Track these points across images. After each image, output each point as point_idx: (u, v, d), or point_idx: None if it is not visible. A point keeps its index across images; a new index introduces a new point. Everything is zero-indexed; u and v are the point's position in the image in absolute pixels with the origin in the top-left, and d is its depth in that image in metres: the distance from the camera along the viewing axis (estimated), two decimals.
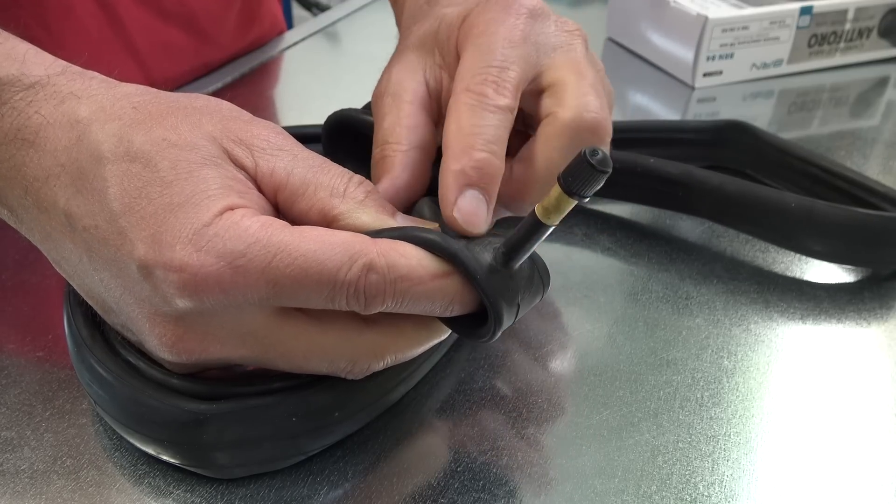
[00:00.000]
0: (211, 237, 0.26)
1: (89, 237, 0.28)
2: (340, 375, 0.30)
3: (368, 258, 0.26)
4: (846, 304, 0.42)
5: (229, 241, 0.26)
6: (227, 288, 0.26)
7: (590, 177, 0.24)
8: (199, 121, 0.28)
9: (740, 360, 0.38)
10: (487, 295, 0.28)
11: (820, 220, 0.42)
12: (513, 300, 0.28)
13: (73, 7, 0.57)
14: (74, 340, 0.32)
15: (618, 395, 0.36)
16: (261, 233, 0.26)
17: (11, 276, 0.42)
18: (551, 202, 0.25)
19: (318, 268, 0.26)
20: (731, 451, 0.33)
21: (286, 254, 0.26)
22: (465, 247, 0.28)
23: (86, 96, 0.29)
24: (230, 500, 0.31)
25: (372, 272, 0.26)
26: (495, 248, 0.28)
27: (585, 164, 0.24)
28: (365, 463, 0.32)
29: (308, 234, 0.26)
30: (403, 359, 0.31)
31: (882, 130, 0.62)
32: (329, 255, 0.26)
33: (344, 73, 0.72)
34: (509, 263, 0.28)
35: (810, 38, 0.70)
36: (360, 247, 0.27)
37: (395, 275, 0.27)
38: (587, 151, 0.23)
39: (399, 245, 0.28)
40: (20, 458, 0.32)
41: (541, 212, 0.26)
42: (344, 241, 0.27)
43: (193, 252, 0.26)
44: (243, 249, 0.26)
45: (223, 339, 0.28)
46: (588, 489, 0.32)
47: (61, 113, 0.28)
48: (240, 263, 0.26)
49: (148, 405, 0.29)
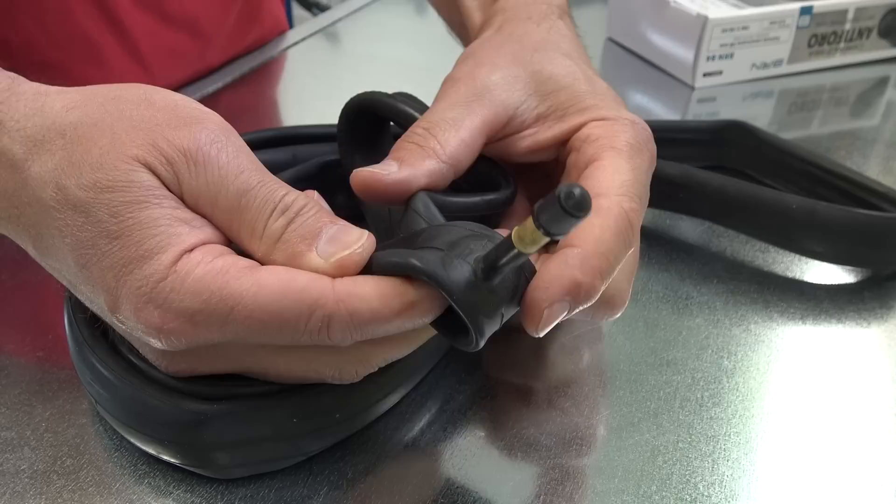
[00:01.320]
0: (168, 293, 0.26)
1: (62, 276, 0.29)
2: (330, 382, 0.30)
3: (326, 310, 0.25)
4: (846, 305, 0.42)
5: (186, 298, 0.25)
6: (190, 337, 0.26)
7: (563, 219, 0.22)
8: (124, 143, 0.27)
9: (740, 360, 0.38)
10: (466, 313, 0.26)
11: (821, 221, 0.42)
12: (494, 313, 0.27)
13: (72, 10, 0.57)
14: (75, 339, 0.32)
15: (618, 395, 0.36)
16: (216, 284, 0.25)
17: (11, 276, 0.42)
18: (527, 234, 0.24)
19: (276, 320, 0.25)
20: (731, 451, 0.33)
21: (242, 307, 0.25)
22: (442, 260, 0.26)
23: (12, 127, 0.28)
24: (230, 500, 0.31)
25: (333, 322, 0.26)
26: (476, 258, 0.27)
27: (558, 206, 0.22)
28: (365, 463, 0.32)
29: (266, 280, 0.26)
30: (396, 357, 0.30)
31: (882, 130, 0.62)
32: (286, 305, 0.25)
33: (344, 73, 0.72)
34: (490, 280, 0.27)
35: (810, 38, 0.70)
36: (317, 295, 0.25)
37: (357, 321, 0.26)
38: (562, 193, 0.21)
39: (359, 285, 0.26)
40: (20, 458, 0.32)
41: (517, 239, 0.24)
42: (302, 289, 0.26)
43: (154, 310, 0.26)
44: (200, 307, 0.25)
45: (208, 361, 0.29)
46: (588, 489, 0.32)
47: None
48: (199, 319, 0.26)
49: (149, 405, 0.29)
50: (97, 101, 0.28)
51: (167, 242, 0.26)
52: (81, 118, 0.28)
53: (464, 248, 0.27)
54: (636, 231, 0.31)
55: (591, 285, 0.28)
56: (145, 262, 0.26)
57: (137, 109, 0.28)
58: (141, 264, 0.26)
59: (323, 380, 0.29)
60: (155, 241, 0.26)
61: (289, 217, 0.27)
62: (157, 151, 0.27)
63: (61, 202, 0.27)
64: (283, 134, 0.45)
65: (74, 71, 0.58)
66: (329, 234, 0.27)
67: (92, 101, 0.28)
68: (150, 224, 0.26)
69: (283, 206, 0.28)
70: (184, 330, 0.26)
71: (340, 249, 0.27)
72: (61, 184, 0.27)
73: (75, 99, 0.29)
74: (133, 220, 0.26)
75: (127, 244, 0.26)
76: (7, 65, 0.32)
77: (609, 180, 0.31)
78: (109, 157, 0.27)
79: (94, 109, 0.28)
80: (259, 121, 0.62)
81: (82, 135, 0.27)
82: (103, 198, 0.26)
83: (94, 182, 0.26)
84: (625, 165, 0.32)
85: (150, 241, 0.26)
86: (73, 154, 0.27)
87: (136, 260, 0.26)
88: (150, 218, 0.26)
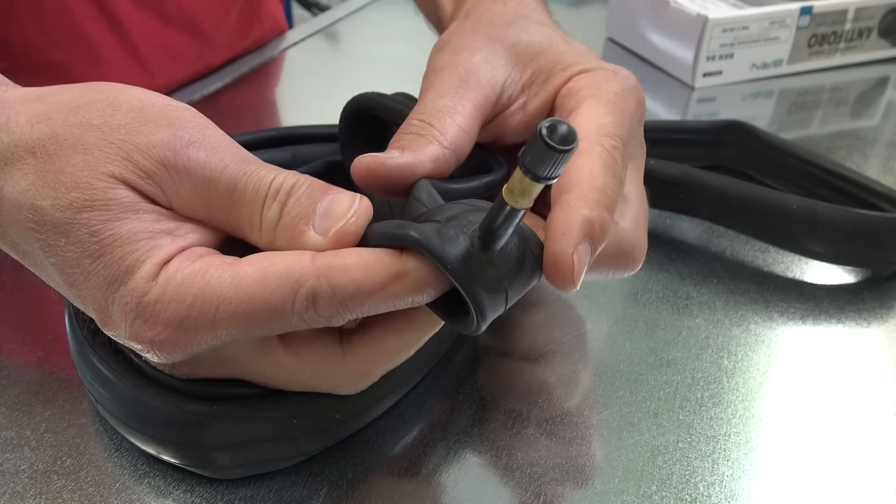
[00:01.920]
0: (153, 305, 0.25)
1: (53, 287, 0.29)
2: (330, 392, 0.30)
3: (309, 286, 0.25)
4: (846, 305, 0.42)
5: (170, 306, 0.25)
6: (184, 346, 0.26)
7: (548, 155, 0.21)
8: (97, 160, 0.26)
9: (740, 360, 0.38)
10: (462, 285, 0.25)
11: (822, 222, 0.42)
12: (495, 287, 0.26)
13: (72, 10, 0.57)
14: (76, 339, 0.32)
15: (618, 395, 0.36)
16: (197, 286, 0.25)
17: (11, 276, 0.42)
18: (515, 185, 0.23)
19: (262, 309, 0.25)
20: (731, 451, 0.33)
21: (227, 303, 0.25)
22: (437, 231, 0.25)
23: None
24: (230, 500, 0.31)
25: (318, 298, 0.25)
26: (473, 229, 0.26)
27: (542, 144, 0.20)
28: (365, 463, 0.32)
29: (245, 272, 0.25)
30: (394, 366, 0.30)
31: (882, 130, 0.62)
32: (269, 292, 0.25)
33: (344, 73, 0.72)
34: (488, 248, 0.25)
35: (810, 38, 0.70)
36: (298, 274, 0.25)
37: (342, 295, 0.25)
38: (544, 128, 0.20)
39: (342, 258, 0.26)
40: (20, 458, 0.32)
41: (507, 194, 0.23)
42: (282, 272, 0.25)
43: (142, 324, 0.26)
44: (185, 311, 0.25)
45: (208, 367, 0.29)
46: (588, 489, 0.32)
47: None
48: (188, 325, 0.25)
49: (149, 405, 0.29)
50: (61, 114, 0.27)
51: (147, 255, 0.26)
52: (48, 134, 0.27)
53: (461, 220, 0.26)
54: (623, 166, 0.30)
55: (602, 217, 0.27)
56: (128, 278, 0.26)
57: (103, 116, 0.27)
58: (125, 280, 0.26)
59: (322, 390, 0.30)
60: (136, 255, 0.26)
61: (281, 201, 0.27)
62: (134, 166, 0.26)
63: (39, 223, 0.26)
64: (282, 134, 0.45)
65: (74, 71, 0.58)
66: (322, 208, 0.27)
67: (55, 113, 0.27)
68: (130, 239, 0.26)
69: (274, 192, 0.27)
70: (175, 340, 0.26)
71: (335, 222, 0.27)
72: (36, 205, 0.26)
73: (38, 111, 0.28)
74: (113, 237, 0.26)
75: (109, 262, 0.26)
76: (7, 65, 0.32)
77: (586, 125, 0.31)
78: (84, 176, 0.26)
79: (59, 124, 0.27)
80: (259, 121, 0.62)
81: (52, 153, 0.27)
82: (81, 218, 0.26)
83: (70, 202, 0.26)
84: (602, 110, 0.31)
85: (130, 256, 0.26)
86: (46, 174, 0.26)
87: (120, 277, 0.26)
88: (130, 233, 0.26)
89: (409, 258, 0.26)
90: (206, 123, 0.28)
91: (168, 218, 0.27)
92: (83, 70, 0.58)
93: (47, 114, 0.27)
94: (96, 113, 0.27)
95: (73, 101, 0.28)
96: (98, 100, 0.28)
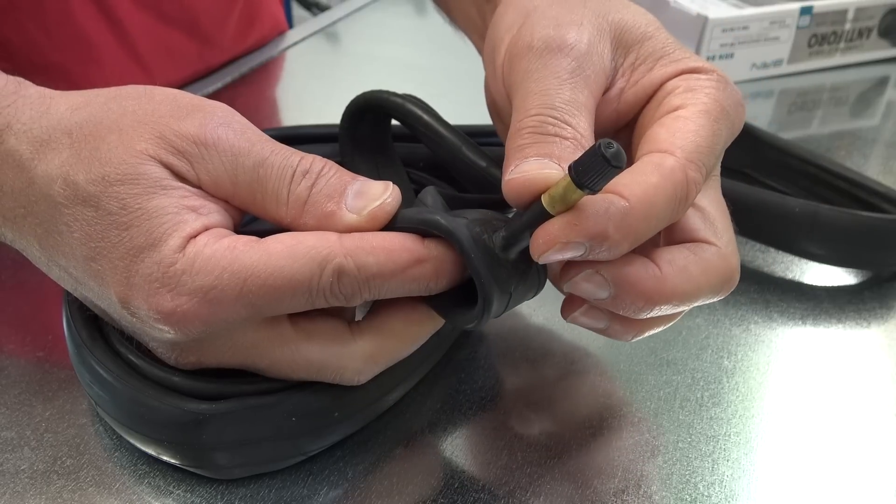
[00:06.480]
0: (180, 276, 0.26)
1: (69, 274, 0.29)
2: (332, 382, 0.30)
3: (336, 262, 0.26)
4: (846, 305, 0.42)
5: (198, 277, 0.26)
6: (206, 320, 0.26)
7: (602, 170, 0.23)
8: (132, 139, 0.27)
9: (740, 360, 0.38)
10: (480, 275, 0.27)
11: (824, 224, 0.42)
12: (505, 287, 0.28)
13: (72, 11, 0.57)
14: (74, 341, 0.32)
15: (618, 395, 0.36)
16: (226, 259, 0.26)
17: (11, 275, 0.42)
18: (559, 192, 0.25)
19: (290, 283, 0.26)
20: (731, 451, 0.33)
21: (255, 276, 0.26)
22: (465, 226, 0.27)
23: (19, 129, 0.28)
24: (230, 500, 0.31)
25: (343, 275, 0.26)
26: (497, 231, 0.28)
27: (599, 157, 0.23)
28: (365, 463, 0.32)
29: (273, 248, 0.26)
30: (399, 359, 0.31)
31: (882, 130, 0.62)
32: (297, 267, 0.26)
33: (344, 73, 0.72)
34: (508, 250, 0.28)
35: (810, 38, 0.70)
36: (326, 252, 0.26)
37: (366, 274, 0.27)
38: (602, 144, 0.23)
39: (368, 240, 0.27)
40: (20, 458, 0.32)
41: (547, 201, 0.25)
42: (310, 248, 0.26)
43: (167, 294, 0.26)
44: (213, 282, 0.26)
45: (216, 354, 0.29)
46: (588, 489, 0.32)
47: (3, 152, 0.28)
48: (213, 296, 0.26)
49: (148, 405, 0.29)
50: (100, 101, 0.29)
51: (174, 229, 0.26)
52: (86, 118, 0.28)
53: (484, 221, 0.28)
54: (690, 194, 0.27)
55: (616, 241, 0.25)
56: (154, 250, 0.26)
57: (139, 103, 0.29)
58: (151, 252, 0.26)
59: (323, 381, 0.30)
60: (162, 228, 0.26)
61: (311, 178, 0.28)
62: (166, 143, 0.27)
63: (69, 197, 0.27)
64: (283, 134, 0.45)
65: (74, 72, 0.58)
66: (354, 189, 0.28)
67: (95, 101, 0.29)
68: (158, 213, 0.27)
69: (303, 170, 0.28)
70: (198, 311, 0.26)
71: (371, 202, 0.28)
72: (70, 179, 0.27)
73: (78, 101, 0.29)
74: (141, 210, 0.26)
75: (136, 234, 0.26)
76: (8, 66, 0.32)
77: (682, 136, 0.28)
78: (118, 153, 0.27)
79: (97, 109, 0.29)
80: (259, 121, 0.62)
81: (89, 133, 0.28)
82: (112, 191, 0.27)
83: (102, 176, 0.27)
84: (707, 126, 0.28)
85: (158, 229, 0.26)
86: (81, 151, 0.27)
87: (146, 248, 0.26)
88: (159, 207, 0.27)
89: (432, 245, 0.27)
90: (235, 112, 0.30)
91: (195, 195, 0.28)
92: (83, 70, 0.58)
93: (87, 103, 0.29)
94: (133, 100, 0.29)
95: (111, 93, 0.29)
96: (135, 92, 0.29)
